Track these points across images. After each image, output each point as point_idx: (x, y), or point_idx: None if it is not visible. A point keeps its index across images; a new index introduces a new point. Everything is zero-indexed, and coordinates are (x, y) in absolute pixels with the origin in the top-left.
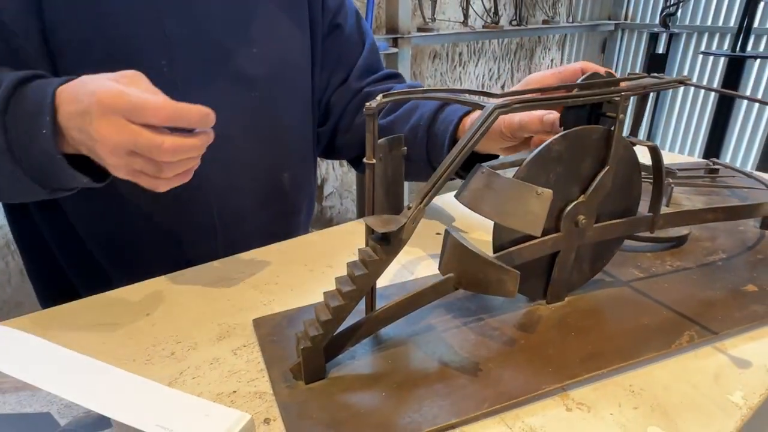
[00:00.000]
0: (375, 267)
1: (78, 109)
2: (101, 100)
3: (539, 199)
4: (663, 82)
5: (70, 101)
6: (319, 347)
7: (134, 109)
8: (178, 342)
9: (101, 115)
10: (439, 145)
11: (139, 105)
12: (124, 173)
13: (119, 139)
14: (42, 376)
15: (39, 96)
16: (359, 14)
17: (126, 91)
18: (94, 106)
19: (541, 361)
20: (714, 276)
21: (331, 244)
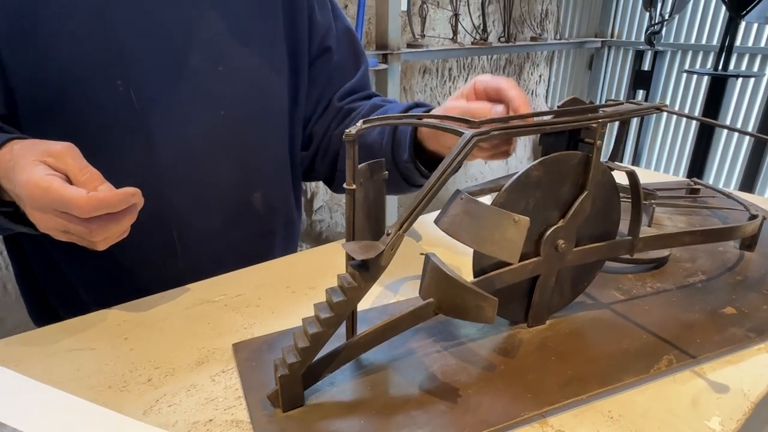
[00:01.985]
0: (353, 294)
1: (12, 189)
2: (31, 195)
3: (516, 226)
4: (640, 108)
5: (5, 176)
6: (297, 374)
7: (61, 206)
8: (156, 368)
9: (32, 207)
10: (402, 145)
11: (65, 203)
12: (63, 238)
13: (52, 225)
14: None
15: None
16: (354, 35)
17: (52, 188)
18: (26, 199)
19: (521, 387)
20: (694, 298)
21: (315, 264)
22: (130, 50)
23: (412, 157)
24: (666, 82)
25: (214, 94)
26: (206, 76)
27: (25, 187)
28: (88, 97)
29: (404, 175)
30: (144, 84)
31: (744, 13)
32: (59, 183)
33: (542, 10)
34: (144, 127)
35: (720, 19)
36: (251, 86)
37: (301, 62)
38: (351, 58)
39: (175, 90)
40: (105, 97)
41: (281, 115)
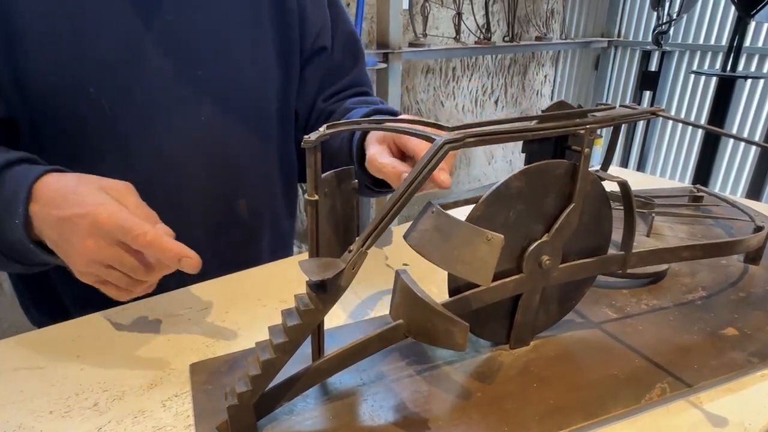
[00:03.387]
0: (309, 317)
1: (60, 215)
2: (97, 221)
3: (489, 245)
4: (634, 113)
5: (51, 203)
6: (247, 405)
7: (121, 233)
8: (105, 390)
9: (89, 234)
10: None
11: (135, 226)
12: (90, 281)
13: (103, 256)
14: None
15: (15, 185)
16: (355, 37)
17: (119, 214)
18: (85, 222)
19: (497, 418)
20: (692, 317)
21: (289, 275)
22: (99, 56)
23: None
24: (673, 83)
25: (192, 100)
26: (184, 82)
27: (89, 212)
28: (62, 105)
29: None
30: (115, 91)
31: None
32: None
33: (548, 9)
34: (118, 136)
35: (729, 19)
36: (234, 90)
37: (291, 62)
38: (349, 59)
39: (149, 97)
40: (78, 105)
41: (268, 118)
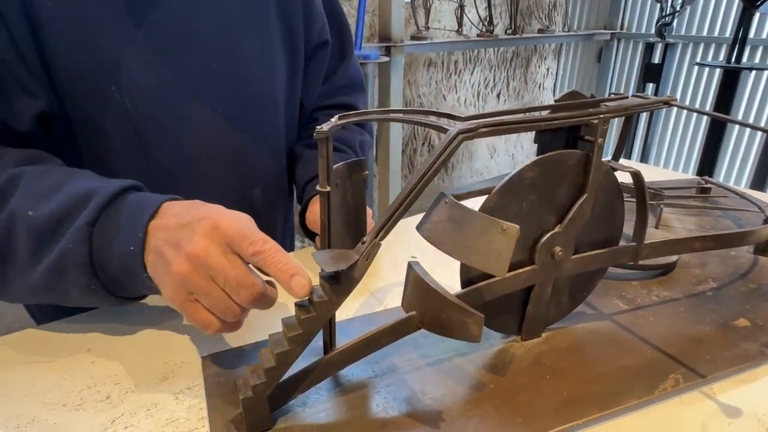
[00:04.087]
0: (323, 309)
1: (181, 222)
2: (218, 224)
3: (504, 235)
4: (646, 103)
5: (173, 216)
6: (261, 397)
7: (239, 236)
8: (117, 383)
9: (205, 235)
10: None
11: (246, 233)
12: (181, 299)
13: (210, 261)
14: None
15: (134, 213)
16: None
17: (240, 223)
18: (206, 223)
19: (511, 410)
20: (703, 308)
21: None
22: (116, 55)
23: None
24: (677, 76)
25: (209, 93)
26: (199, 76)
27: (211, 216)
28: (84, 105)
29: None
30: (135, 89)
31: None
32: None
33: (550, 1)
34: (139, 134)
35: (733, 10)
36: (245, 82)
37: (296, 54)
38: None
39: (167, 93)
40: (101, 104)
41: (277, 110)
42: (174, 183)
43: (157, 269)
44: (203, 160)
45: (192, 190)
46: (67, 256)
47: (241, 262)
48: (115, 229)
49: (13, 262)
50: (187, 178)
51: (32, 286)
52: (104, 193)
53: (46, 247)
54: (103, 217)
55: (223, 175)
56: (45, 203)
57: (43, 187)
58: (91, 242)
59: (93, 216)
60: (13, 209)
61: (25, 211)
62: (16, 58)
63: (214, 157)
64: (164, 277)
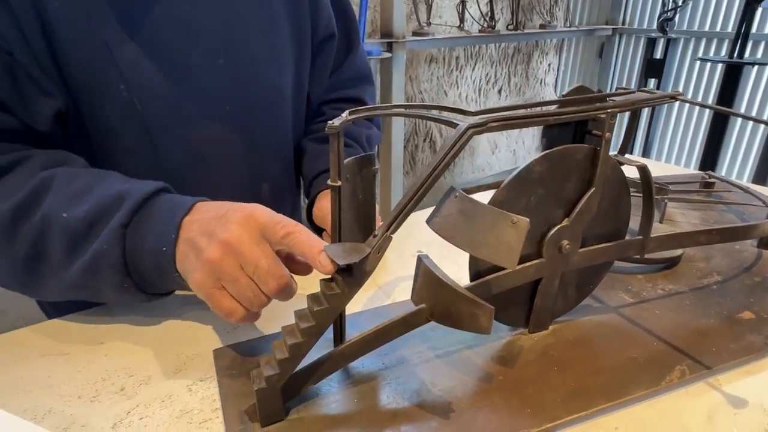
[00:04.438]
0: (336, 301)
1: (215, 215)
2: (253, 214)
3: (514, 228)
4: (653, 97)
5: (208, 211)
6: (275, 388)
7: (272, 223)
8: (131, 375)
9: (239, 224)
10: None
11: (279, 219)
12: (209, 285)
13: (242, 249)
14: None
15: (166, 214)
16: (351, 16)
17: (273, 214)
18: (241, 213)
19: (519, 401)
20: (708, 301)
21: None
22: (123, 54)
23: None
24: (678, 71)
25: (216, 90)
26: (207, 72)
27: (245, 208)
28: (94, 104)
29: None
30: (143, 87)
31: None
32: None
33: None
34: (148, 132)
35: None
36: (252, 78)
37: (303, 48)
38: (344, 40)
39: (175, 90)
40: (110, 103)
41: (284, 105)
42: (183, 180)
43: (187, 258)
44: (212, 156)
45: (201, 187)
46: (101, 257)
47: (272, 252)
48: (147, 230)
49: (48, 262)
50: (196, 175)
51: (66, 284)
52: (137, 194)
53: (80, 247)
54: (135, 218)
55: (231, 171)
56: (78, 205)
57: (75, 189)
58: (124, 243)
59: (126, 218)
60: (46, 211)
61: (59, 213)
62: (31, 59)
63: (223, 153)
64: (195, 264)
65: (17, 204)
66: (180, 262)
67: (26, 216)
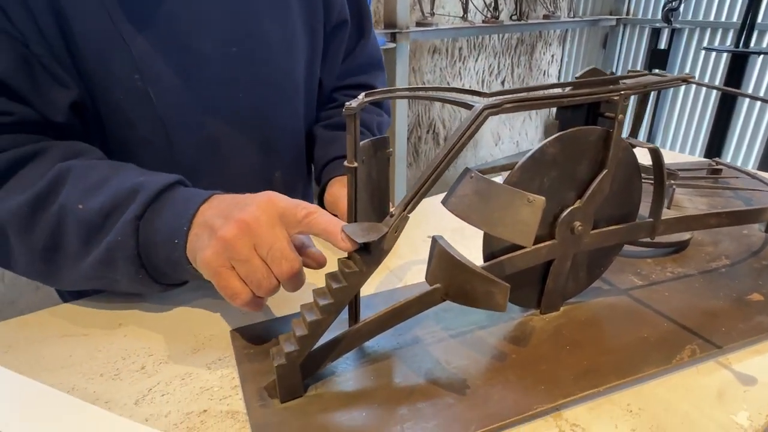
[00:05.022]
0: (354, 279)
1: (233, 201)
2: (272, 199)
3: (531, 207)
4: (665, 80)
5: (227, 198)
6: (294, 364)
7: (292, 206)
8: (150, 355)
9: (258, 206)
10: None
11: (299, 203)
12: (218, 263)
13: (259, 229)
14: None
15: (180, 207)
16: (363, 2)
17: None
18: (260, 198)
19: (533, 379)
20: (717, 284)
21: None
22: (137, 43)
23: None
24: (683, 61)
25: (229, 78)
26: (220, 61)
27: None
28: (109, 94)
29: None
30: (156, 77)
31: None
32: None
33: None
34: (162, 121)
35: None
36: (265, 66)
37: (316, 35)
38: (356, 26)
39: (189, 79)
40: (125, 93)
41: (297, 93)
42: (197, 168)
43: (199, 239)
44: (225, 145)
45: (215, 175)
46: (115, 249)
47: (287, 236)
48: (160, 222)
49: (65, 252)
50: (210, 163)
51: (82, 275)
52: (151, 187)
53: (95, 239)
54: (149, 211)
55: (245, 158)
56: (93, 197)
57: (91, 181)
58: (138, 235)
59: (140, 210)
60: (63, 202)
61: (75, 205)
62: (47, 50)
63: (236, 141)
64: (206, 242)
65: (35, 195)
66: (191, 243)
67: (44, 207)
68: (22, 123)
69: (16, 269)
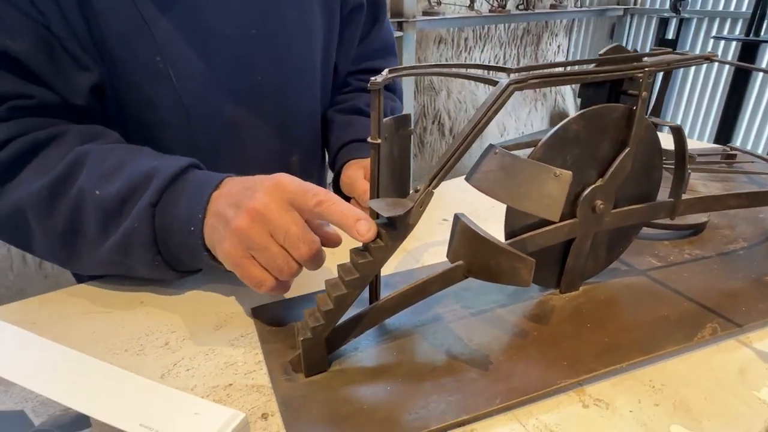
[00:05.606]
0: (380, 254)
1: (243, 186)
2: (280, 182)
3: (558, 181)
4: (688, 58)
5: (236, 184)
6: (320, 338)
7: (302, 191)
8: (173, 331)
9: (267, 192)
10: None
11: (308, 187)
12: (238, 254)
13: (271, 216)
14: (17, 370)
15: (194, 192)
16: None
17: (301, 181)
18: (269, 182)
19: (555, 355)
20: (735, 265)
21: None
22: (159, 25)
23: None
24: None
25: (249, 59)
26: (240, 42)
27: (273, 177)
28: (131, 76)
29: None
30: (178, 58)
31: None
32: None
33: None
34: (183, 103)
35: None
36: (283, 48)
37: (333, 18)
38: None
39: (209, 60)
40: (147, 75)
41: (313, 76)
42: (217, 151)
43: (215, 231)
44: (245, 127)
45: (234, 158)
46: (131, 235)
47: (301, 218)
48: (176, 208)
49: (84, 237)
50: (229, 145)
51: (101, 260)
52: (165, 172)
53: (112, 225)
54: (164, 197)
55: (263, 142)
56: (110, 183)
57: (108, 166)
58: (154, 222)
59: (155, 196)
60: (81, 187)
61: (92, 190)
62: (68, 32)
63: (255, 124)
64: (223, 234)
65: (54, 180)
66: (208, 235)
67: (62, 192)
68: (41, 106)
69: (36, 252)
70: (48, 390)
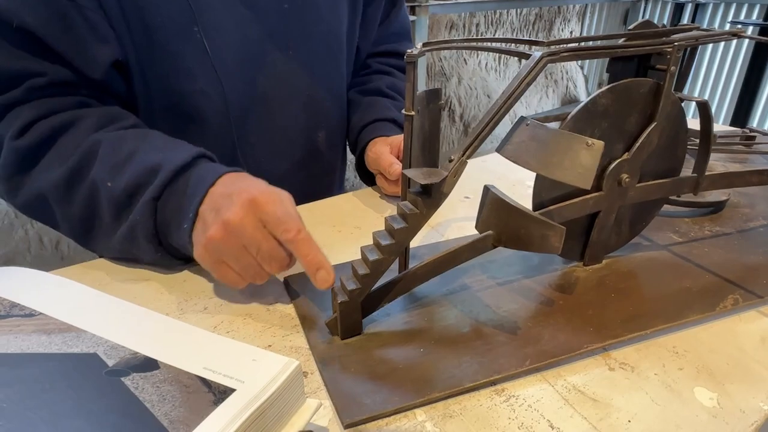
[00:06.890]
0: (415, 220)
1: (224, 191)
2: (256, 200)
3: (590, 150)
4: (715, 33)
5: (222, 185)
6: (356, 301)
7: (275, 220)
8: (210, 298)
9: (242, 207)
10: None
11: (282, 218)
12: (211, 260)
13: (244, 231)
14: (87, 319)
15: (192, 190)
16: None
17: (278, 205)
18: (244, 196)
19: (581, 322)
20: (756, 241)
21: (357, 205)
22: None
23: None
24: None
25: (281, 33)
26: (273, 16)
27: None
28: (168, 46)
29: None
30: (215, 29)
31: None
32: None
33: None
34: (216, 75)
35: None
36: (313, 23)
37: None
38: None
39: (244, 32)
40: (184, 45)
41: (340, 52)
42: (248, 123)
43: (197, 231)
44: (275, 101)
45: (264, 131)
46: (136, 227)
47: (272, 236)
48: (174, 205)
49: (100, 224)
50: (260, 118)
51: (112, 247)
52: (169, 167)
53: (122, 215)
54: (166, 192)
55: (292, 116)
56: (119, 175)
57: (119, 156)
58: (156, 215)
59: (157, 191)
60: (94, 177)
61: (104, 181)
62: (94, 3)
63: (285, 98)
64: (200, 238)
65: (70, 169)
66: (194, 231)
67: (78, 182)
68: (54, 84)
69: (62, 232)
70: (118, 337)
